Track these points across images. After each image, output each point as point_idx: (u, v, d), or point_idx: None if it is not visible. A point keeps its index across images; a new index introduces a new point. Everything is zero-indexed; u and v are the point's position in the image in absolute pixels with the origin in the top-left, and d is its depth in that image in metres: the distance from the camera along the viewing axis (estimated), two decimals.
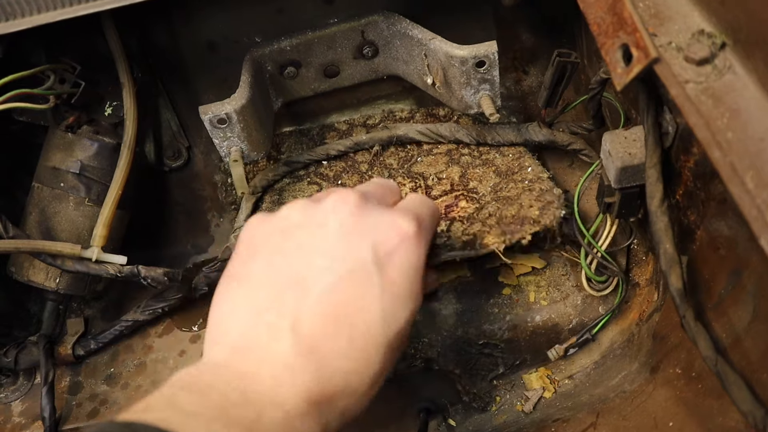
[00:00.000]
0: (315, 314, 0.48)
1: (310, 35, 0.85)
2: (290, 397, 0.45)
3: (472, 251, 0.74)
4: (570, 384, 0.82)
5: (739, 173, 0.45)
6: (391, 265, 0.51)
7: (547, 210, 0.75)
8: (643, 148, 0.65)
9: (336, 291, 0.49)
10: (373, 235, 0.52)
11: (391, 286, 0.51)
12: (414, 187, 0.88)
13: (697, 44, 0.54)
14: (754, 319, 0.56)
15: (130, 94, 0.79)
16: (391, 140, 0.92)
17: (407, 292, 0.52)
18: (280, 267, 0.51)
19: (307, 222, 0.54)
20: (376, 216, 0.54)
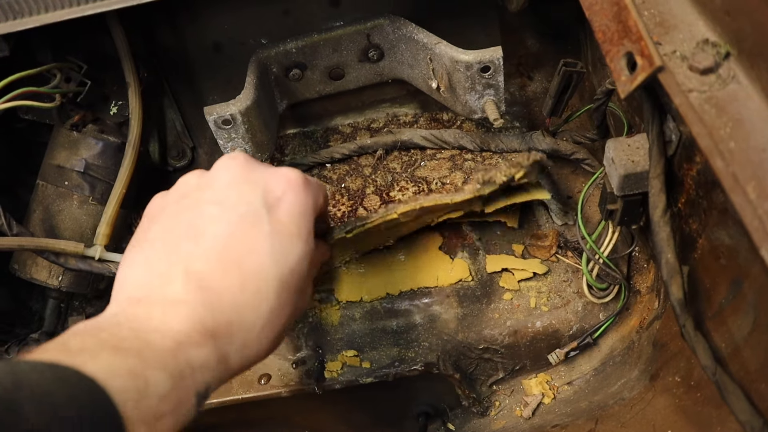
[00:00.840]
0: (206, 257, 0.51)
1: (316, 38, 0.85)
2: (181, 328, 0.47)
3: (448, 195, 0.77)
4: (569, 390, 0.82)
5: (741, 183, 0.45)
6: (279, 208, 0.55)
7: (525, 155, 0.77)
8: (646, 156, 0.65)
9: (227, 234, 0.52)
10: (262, 183, 0.56)
11: (279, 226, 0.54)
12: (417, 192, 0.88)
13: (702, 53, 0.54)
14: (754, 329, 0.56)
15: (135, 94, 0.80)
16: (396, 145, 0.92)
17: (296, 232, 0.55)
18: (174, 225, 0.54)
19: (201, 183, 0.58)
20: (265, 169, 0.58)
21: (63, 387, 0.38)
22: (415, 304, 0.82)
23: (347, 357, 0.81)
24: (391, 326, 0.82)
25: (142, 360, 0.43)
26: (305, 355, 0.82)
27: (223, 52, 0.90)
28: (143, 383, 0.42)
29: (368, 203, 0.89)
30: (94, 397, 0.39)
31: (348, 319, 0.83)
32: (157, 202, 0.59)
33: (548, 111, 0.83)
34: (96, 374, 0.39)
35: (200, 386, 0.47)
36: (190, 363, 0.46)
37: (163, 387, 0.43)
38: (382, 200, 0.89)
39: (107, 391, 0.39)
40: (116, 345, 0.43)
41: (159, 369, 0.43)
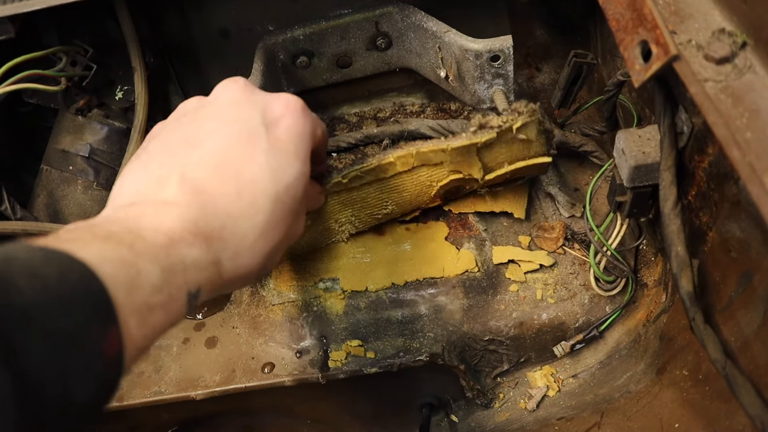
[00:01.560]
0: (203, 165, 0.52)
1: (324, 25, 0.85)
2: (173, 226, 0.47)
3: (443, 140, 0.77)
4: (574, 383, 0.82)
5: (758, 173, 0.45)
6: (278, 127, 0.56)
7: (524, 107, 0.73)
8: (657, 148, 0.64)
9: (225, 145, 0.53)
10: (261, 103, 0.57)
11: (277, 143, 0.55)
12: None
13: (718, 43, 0.54)
14: (764, 323, 0.56)
15: (141, 79, 0.79)
16: (402, 134, 0.91)
17: (293, 150, 0.55)
18: (173, 137, 0.55)
19: (200, 103, 0.59)
20: (264, 93, 0.59)
21: (54, 266, 0.38)
22: (420, 294, 0.82)
23: (351, 347, 0.80)
24: (396, 316, 0.81)
25: (134, 251, 0.43)
26: (309, 344, 0.82)
27: (229, 38, 0.90)
28: (135, 272, 0.42)
29: None
30: (86, 279, 0.38)
31: (353, 309, 0.82)
32: (159, 125, 0.59)
33: (557, 102, 0.83)
34: (88, 259, 0.39)
35: (192, 285, 0.47)
36: (182, 260, 0.46)
37: (155, 279, 0.43)
38: None
39: (99, 275, 0.39)
40: (108, 236, 0.43)
41: (151, 261, 0.43)
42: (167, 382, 0.83)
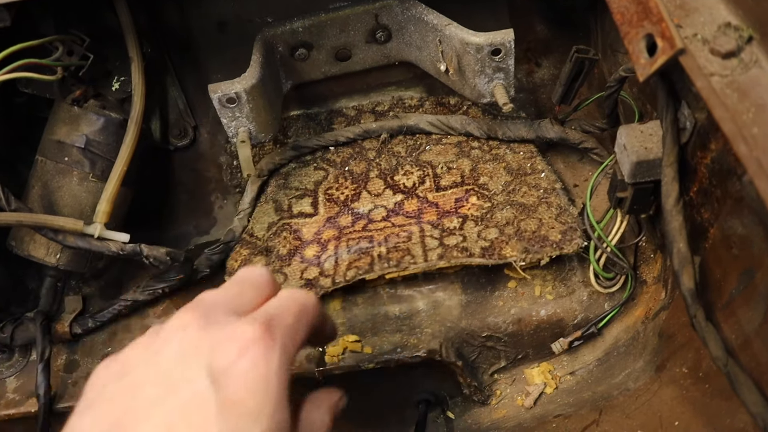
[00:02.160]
0: None
1: (323, 17, 0.84)
2: None
3: (491, 260, 0.77)
4: (572, 380, 0.82)
5: (765, 169, 0.44)
6: (231, 382, 0.43)
7: (569, 237, 0.77)
8: (659, 143, 0.64)
9: (165, 423, 0.43)
10: (208, 354, 0.45)
11: (232, 407, 0.43)
12: (422, 176, 0.87)
13: (724, 37, 0.53)
14: (765, 321, 0.55)
15: (138, 70, 0.78)
16: (401, 129, 0.91)
17: (255, 409, 0.43)
18: (107, 413, 0.45)
19: (144, 357, 0.48)
20: (216, 331, 0.46)
21: None
22: (418, 290, 0.81)
23: (349, 342, 0.80)
24: (393, 312, 0.81)
25: None
26: None
27: (228, 30, 0.89)
28: None
29: (372, 187, 0.88)
30: None
31: (350, 304, 0.82)
32: (96, 380, 0.49)
33: (558, 98, 0.82)
34: None
35: None
36: None
37: None
38: (386, 184, 0.87)
39: None
40: None
41: None
42: None
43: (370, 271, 0.77)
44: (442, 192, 0.85)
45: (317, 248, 0.83)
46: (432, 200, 0.85)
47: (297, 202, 0.88)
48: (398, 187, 0.87)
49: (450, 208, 0.83)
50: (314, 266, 0.81)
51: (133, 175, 0.82)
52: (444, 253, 0.77)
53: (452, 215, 0.82)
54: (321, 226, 0.85)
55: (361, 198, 0.87)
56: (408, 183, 0.87)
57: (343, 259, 0.80)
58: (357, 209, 0.86)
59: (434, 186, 0.86)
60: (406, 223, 0.83)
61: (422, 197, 0.85)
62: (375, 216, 0.85)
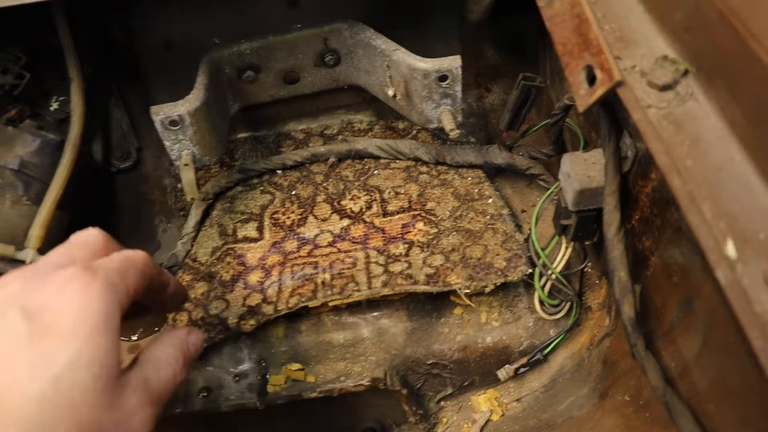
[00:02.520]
0: None
1: (272, 39, 0.83)
2: None
3: (435, 287, 0.76)
4: (518, 407, 0.81)
5: (697, 202, 0.44)
6: (45, 314, 0.43)
7: (514, 264, 0.77)
8: (601, 171, 0.64)
9: None
10: (24, 297, 0.44)
11: (44, 332, 0.43)
12: (369, 201, 0.86)
13: (661, 70, 0.54)
14: (703, 348, 0.56)
15: (78, 90, 0.76)
16: (350, 153, 0.90)
17: (70, 330, 0.43)
18: None
19: None
20: (36, 280, 0.46)
21: None
22: (363, 317, 0.80)
23: (291, 371, 0.78)
24: (338, 339, 0.79)
25: None
26: (248, 368, 0.79)
27: (174, 50, 0.87)
28: None
29: (318, 211, 0.86)
30: None
31: (293, 332, 0.80)
32: None
33: (505, 125, 0.83)
34: None
35: None
36: None
37: None
38: (333, 209, 0.87)
39: None
40: None
41: None
42: None
43: (313, 298, 0.76)
44: (389, 217, 0.85)
45: (261, 274, 0.81)
46: (379, 225, 0.84)
47: (242, 226, 0.87)
48: (345, 212, 0.86)
49: (396, 233, 0.82)
50: (257, 293, 0.79)
51: (69, 198, 0.80)
52: (388, 280, 0.77)
53: (398, 241, 0.81)
54: (266, 251, 0.83)
55: (308, 223, 0.86)
56: (355, 208, 0.86)
57: (287, 285, 0.78)
58: (303, 234, 0.85)
59: (381, 211, 0.86)
60: (351, 248, 0.82)
61: (369, 222, 0.84)
62: (321, 241, 0.84)
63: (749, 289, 0.40)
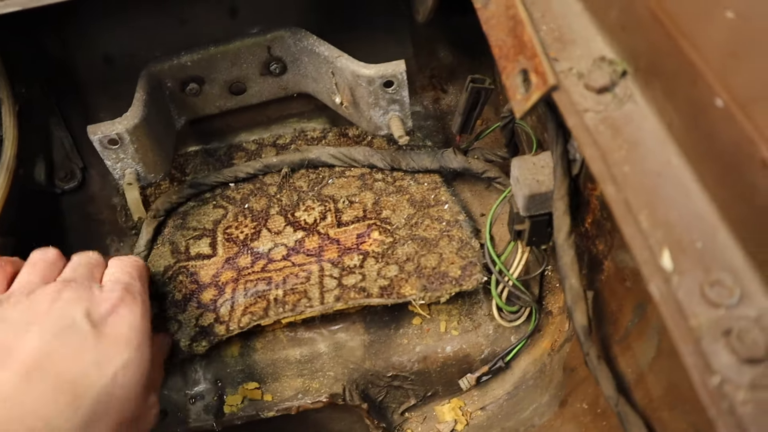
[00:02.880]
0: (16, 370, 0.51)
1: (213, 50, 0.80)
2: None
3: (389, 299, 0.74)
4: (483, 416, 0.80)
5: (633, 211, 0.43)
6: (106, 324, 0.57)
7: (469, 273, 0.75)
8: (550, 176, 0.63)
9: (43, 347, 0.53)
10: (84, 303, 0.58)
11: (105, 337, 0.56)
12: (323, 211, 0.84)
13: (598, 71, 0.52)
14: (657, 354, 0.54)
15: (9, 112, 0.73)
16: (303, 163, 0.88)
17: (127, 337, 0.57)
18: None
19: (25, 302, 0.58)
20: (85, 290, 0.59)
21: None
22: (319, 331, 0.78)
23: (248, 390, 0.76)
24: (294, 356, 0.77)
25: None
26: (203, 389, 0.77)
27: (114, 65, 0.85)
28: None
29: (272, 224, 0.84)
30: None
31: (248, 350, 0.78)
32: None
33: (457, 128, 0.81)
34: None
35: None
36: None
37: None
38: (287, 221, 0.84)
39: None
40: None
41: None
42: None
43: (265, 316, 0.74)
44: (343, 228, 0.83)
45: (214, 292, 0.79)
46: (333, 237, 0.82)
47: (195, 243, 0.84)
48: (299, 224, 0.84)
49: (351, 244, 0.80)
50: (210, 312, 0.77)
51: (13, 223, 0.77)
52: (341, 294, 0.74)
53: (353, 252, 0.79)
54: (219, 268, 0.81)
55: (261, 236, 0.83)
56: (309, 219, 0.84)
57: (239, 303, 0.76)
58: (256, 248, 0.82)
59: (336, 221, 0.84)
60: (306, 261, 0.80)
61: (323, 234, 0.82)
62: (275, 255, 0.81)
63: (684, 301, 0.39)
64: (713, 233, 0.42)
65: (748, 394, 0.36)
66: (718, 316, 0.38)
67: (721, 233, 0.42)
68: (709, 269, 0.40)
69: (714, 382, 0.35)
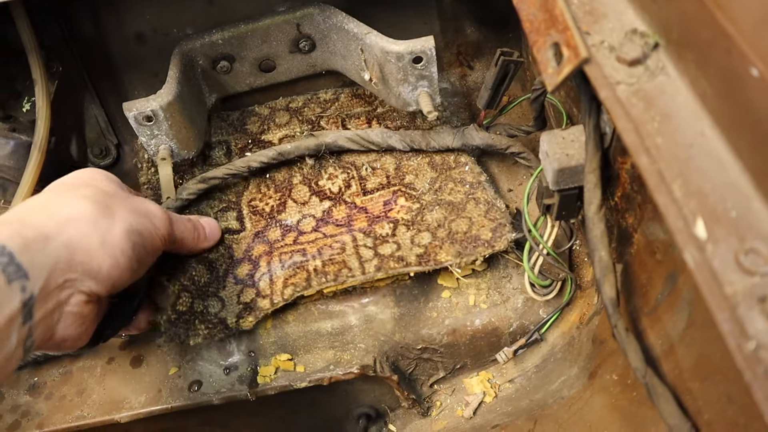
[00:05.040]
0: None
1: (243, 28, 0.81)
2: None
3: (427, 266, 0.75)
4: (511, 388, 0.81)
5: (666, 181, 0.43)
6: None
7: (499, 233, 0.77)
8: (581, 149, 0.63)
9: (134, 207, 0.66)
10: None
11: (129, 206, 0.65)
12: (347, 179, 0.84)
13: (630, 44, 0.52)
14: (688, 326, 0.55)
15: (43, 92, 0.75)
16: (320, 149, 0.86)
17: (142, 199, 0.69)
18: (99, 201, 0.63)
19: None
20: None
21: None
22: (350, 304, 0.79)
23: (281, 361, 0.78)
24: (326, 328, 0.79)
25: None
26: (237, 360, 0.79)
27: (146, 43, 0.86)
28: None
29: (297, 195, 0.85)
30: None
31: (281, 322, 0.79)
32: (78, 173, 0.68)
33: (485, 103, 0.81)
34: None
35: None
36: None
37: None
38: (312, 190, 0.85)
39: None
40: None
41: None
42: (90, 405, 0.79)
43: (308, 287, 0.75)
44: (369, 195, 0.84)
45: (249, 266, 0.80)
46: (360, 205, 0.83)
47: (223, 215, 0.85)
48: (324, 194, 0.85)
49: (379, 212, 0.81)
50: (249, 287, 0.78)
51: None
52: (381, 264, 0.76)
53: (383, 220, 0.80)
54: (250, 242, 0.82)
55: (287, 208, 0.84)
56: (334, 188, 0.85)
57: (278, 275, 0.77)
58: (284, 221, 0.83)
59: (361, 190, 0.84)
60: (337, 232, 0.81)
61: (350, 203, 0.83)
62: (304, 227, 0.82)
63: (719, 270, 0.39)
64: (747, 202, 0.42)
65: None
66: (753, 284, 0.39)
67: (755, 202, 0.42)
68: (744, 238, 0.41)
69: (750, 347, 0.36)
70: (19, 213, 0.59)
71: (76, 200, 0.61)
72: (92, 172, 0.67)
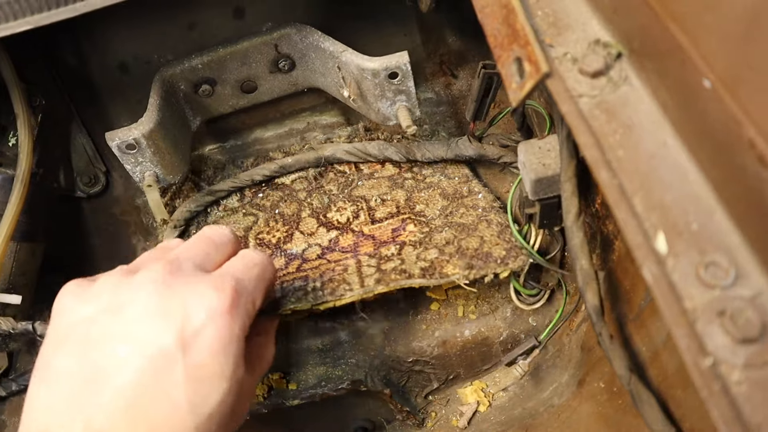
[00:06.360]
0: (109, 411, 0.46)
1: (222, 51, 0.82)
2: None
3: (431, 279, 0.70)
4: (504, 397, 0.81)
5: (627, 195, 0.43)
6: (197, 346, 0.49)
7: (514, 255, 0.72)
8: (557, 159, 0.63)
9: (134, 383, 0.47)
10: (178, 313, 0.49)
11: (197, 370, 0.48)
12: (356, 211, 0.83)
13: (593, 55, 0.52)
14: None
15: (25, 126, 0.75)
16: (319, 162, 0.87)
17: (218, 372, 0.49)
18: (80, 362, 0.48)
19: (114, 303, 0.51)
20: (186, 290, 0.51)
21: None
22: (339, 320, 0.80)
23: (273, 380, 0.78)
24: (316, 345, 0.79)
25: None
26: None
27: (129, 71, 0.87)
28: None
29: (304, 227, 0.83)
30: None
31: None
32: (66, 319, 0.51)
33: (471, 115, 0.81)
34: None
35: None
36: None
37: None
38: (319, 222, 0.83)
39: None
40: None
41: None
42: None
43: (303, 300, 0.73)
44: (377, 224, 0.81)
45: None
46: (368, 233, 0.80)
47: None
48: (332, 224, 0.83)
49: (387, 238, 0.79)
50: None
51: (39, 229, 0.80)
52: (381, 277, 0.72)
53: (389, 244, 0.77)
54: None
55: (294, 239, 0.82)
56: (342, 219, 0.83)
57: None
58: (290, 250, 0.81)
59: (369, 219, 0.82)
60: (342, 257, 0.78)
61: (357, 231, 0.81)
62: (309, 255, 0.80)
63: (679, 284, 0.39)
64: (709, 214, 0.42)
65: (743, 373, 0.36)
66: (713, 298, 0.39)
67: (717, 214, 0.42)
68: (705, 251, 0.41)
69: (706, 363, 0.36)
70: None
71: None
72: None
